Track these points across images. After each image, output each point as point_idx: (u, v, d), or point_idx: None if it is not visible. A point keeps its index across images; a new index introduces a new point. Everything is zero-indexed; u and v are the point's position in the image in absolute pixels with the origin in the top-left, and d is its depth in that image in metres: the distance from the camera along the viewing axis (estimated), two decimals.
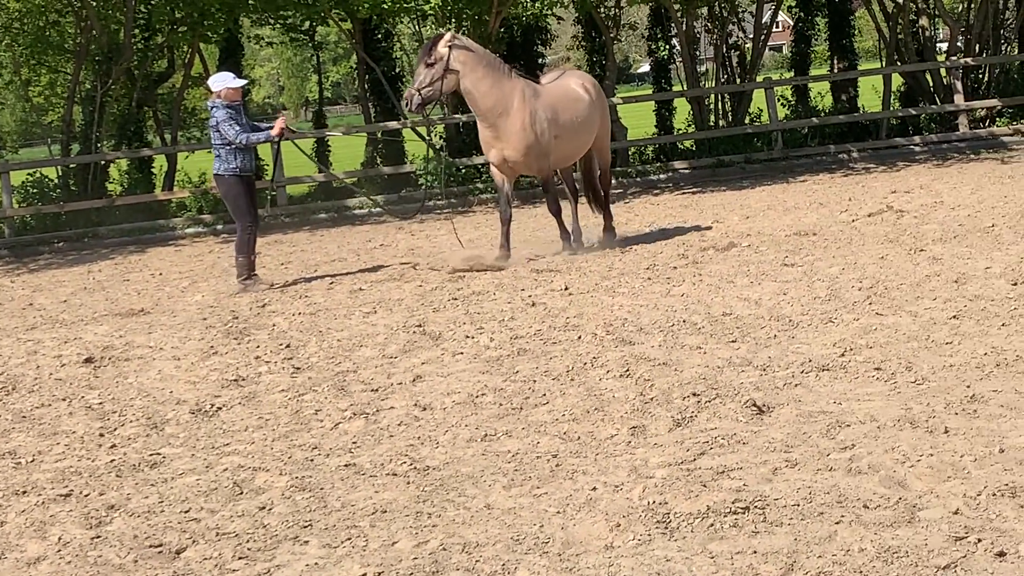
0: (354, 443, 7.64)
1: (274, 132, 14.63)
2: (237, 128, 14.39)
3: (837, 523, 5.50)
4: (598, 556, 5.41)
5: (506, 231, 15.36)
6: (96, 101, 25.98)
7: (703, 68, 31.91)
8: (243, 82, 15.13)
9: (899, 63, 28.01)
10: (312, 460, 7.37)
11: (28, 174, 26.55)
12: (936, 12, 28.92)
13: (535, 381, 8.64)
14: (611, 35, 28.05)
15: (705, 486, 6.12)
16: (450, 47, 14.75)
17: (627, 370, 8.61)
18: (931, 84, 27.85)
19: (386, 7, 25.62)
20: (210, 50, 31.95)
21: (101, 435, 8.36)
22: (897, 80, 28.56)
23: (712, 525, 5.61)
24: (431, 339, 10.45)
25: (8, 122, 54.93)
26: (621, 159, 26.66)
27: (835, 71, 29.16)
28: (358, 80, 31.59)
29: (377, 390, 8.90)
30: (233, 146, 14.51)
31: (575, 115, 15.40)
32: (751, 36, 29.09)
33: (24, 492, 7.21)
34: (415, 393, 8.70)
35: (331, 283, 14.76)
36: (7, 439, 8.50)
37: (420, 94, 14.68)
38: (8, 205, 24.60)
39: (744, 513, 5.70)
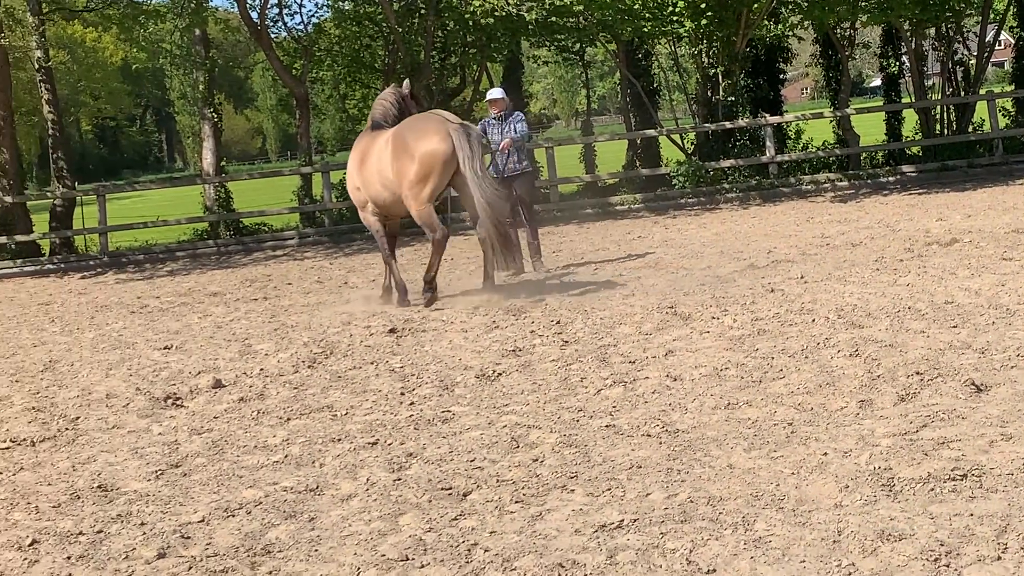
0: (614, 407, 7.66)
1: None
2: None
3: None
4: (828, 513, 5.31)
5: (388, 270, 13.67)
6: None
7: (930, 82, 30.83)
8: (490, 96, 15.35)
9: None
10: (578, 421, 7.42)
11: (345, 173, 27.41)
12: None
13: (773, 358, 8.51)
14: (846, 53, 27.40)
15: (927, 455, 5.94)
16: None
17: (856, 350, 8.40)
18: None
19: (646, 30, 25.58)
20: (495, 68, 32.42)
21: (402, 394, 8.60)
22: None
23: (932, 490, 5.45)
24: (681, 319, 10.40)
25: (328, 130, 56.93)
26: (853, 163, 26.05)
27: None
28: (621, 94, 31.67)
29: (634, 362, 8.89)
30: (495, 151, 14.79)
31: (373, 166, 13.00)
32: (975, 53, 27.96)
33: (339, 440, 7.47)
34: (667, 366, 8.67)
35: (595, 269, 14.83)
36: (326, 395, 8.82)
37: None
38: (328, 199, 25.48)
39: (962, 480, 5.51)
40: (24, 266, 24.07)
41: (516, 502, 5.91)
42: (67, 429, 8.41)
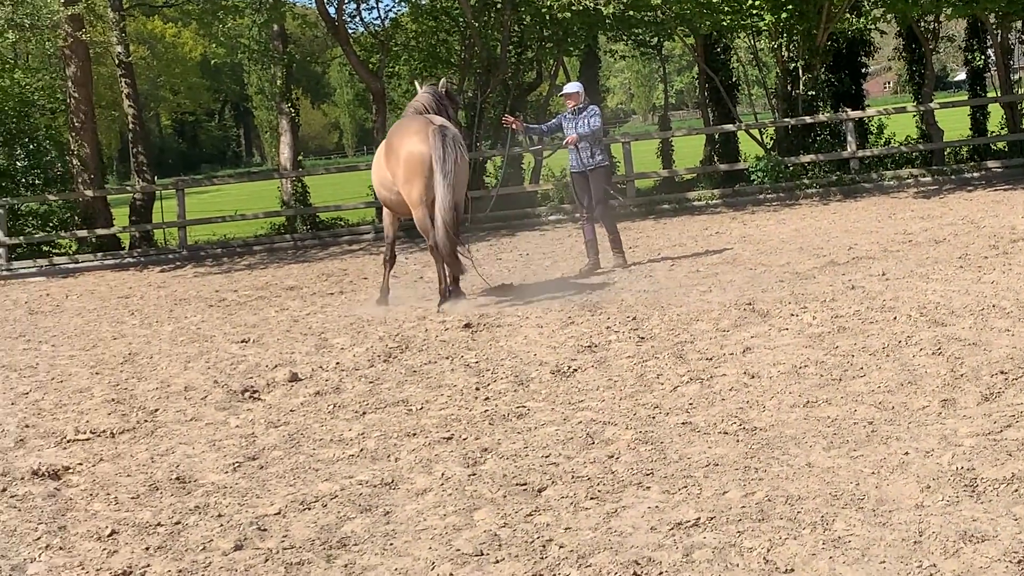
0: (690, 404, 7.64)
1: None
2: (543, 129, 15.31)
3: None
4: (909, 513, 5.25)
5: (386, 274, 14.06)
6: (477, 107, 26.72)
7: (1016, 76, 30.30)
8: (565, 90, 15.34)
9: None
10: (654, 417, 7.40)
11: None
12: None
13: (853, 356, 8.42)
14: (930, 47, 27.02)
15: (1011, 455, 5.85)
16: None
17: (939, 348, 8.29)
18: None
19: (725, 24, 25.40)
20: (572, 63, 32.37)
21: (477, 389, 8.63)
22: None
23: (1016, 490, 5.37)
24: (760, 316, 10.32)
25: None
26: (936, 158, 25.69)
27: None
28: (699, 88, 31.49)
29: (711, 359, 8.85)
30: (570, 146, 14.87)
31: (375, 167, 13.44)
32: None
33: (414, 434, 7.52)
34: (744, 363, 8.61)
35: (672, 265, 14.76)
36: (401, 390, 8.87)
37: None
38: None
39: None
40: (104, 259, 24.45)
41: (591, 498, 5.91)
42: (146, 421, 8.54)
